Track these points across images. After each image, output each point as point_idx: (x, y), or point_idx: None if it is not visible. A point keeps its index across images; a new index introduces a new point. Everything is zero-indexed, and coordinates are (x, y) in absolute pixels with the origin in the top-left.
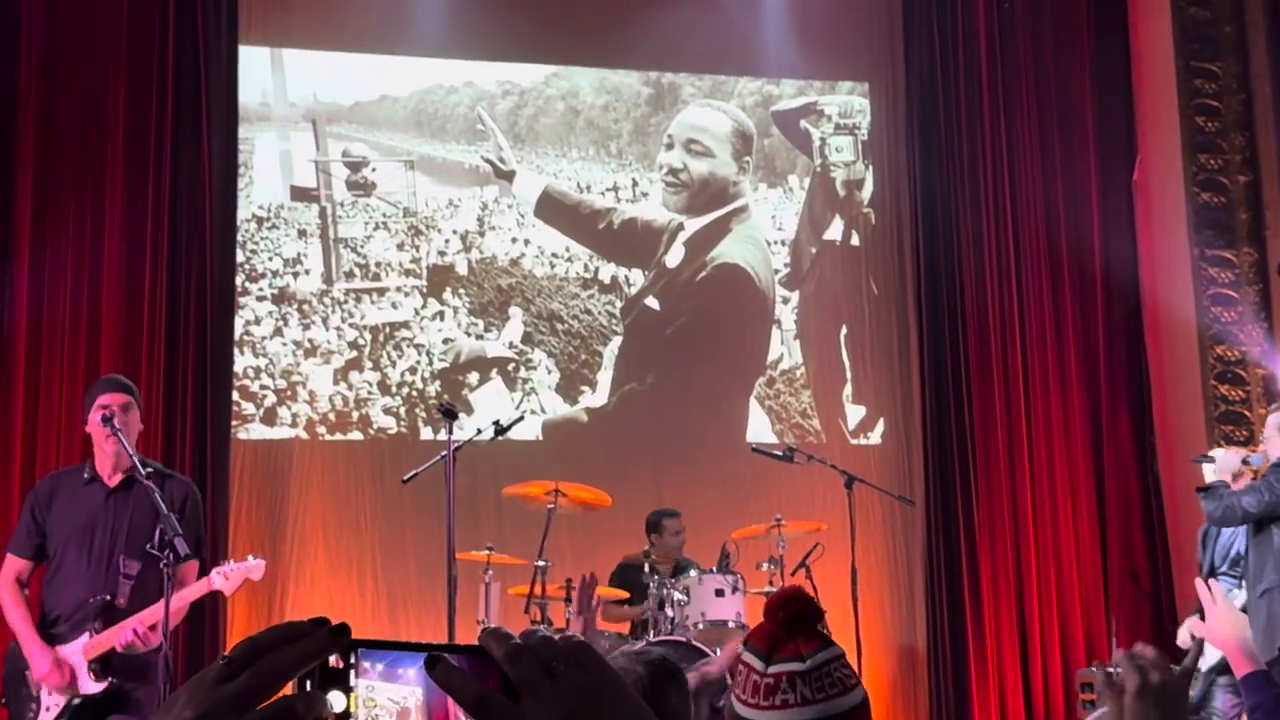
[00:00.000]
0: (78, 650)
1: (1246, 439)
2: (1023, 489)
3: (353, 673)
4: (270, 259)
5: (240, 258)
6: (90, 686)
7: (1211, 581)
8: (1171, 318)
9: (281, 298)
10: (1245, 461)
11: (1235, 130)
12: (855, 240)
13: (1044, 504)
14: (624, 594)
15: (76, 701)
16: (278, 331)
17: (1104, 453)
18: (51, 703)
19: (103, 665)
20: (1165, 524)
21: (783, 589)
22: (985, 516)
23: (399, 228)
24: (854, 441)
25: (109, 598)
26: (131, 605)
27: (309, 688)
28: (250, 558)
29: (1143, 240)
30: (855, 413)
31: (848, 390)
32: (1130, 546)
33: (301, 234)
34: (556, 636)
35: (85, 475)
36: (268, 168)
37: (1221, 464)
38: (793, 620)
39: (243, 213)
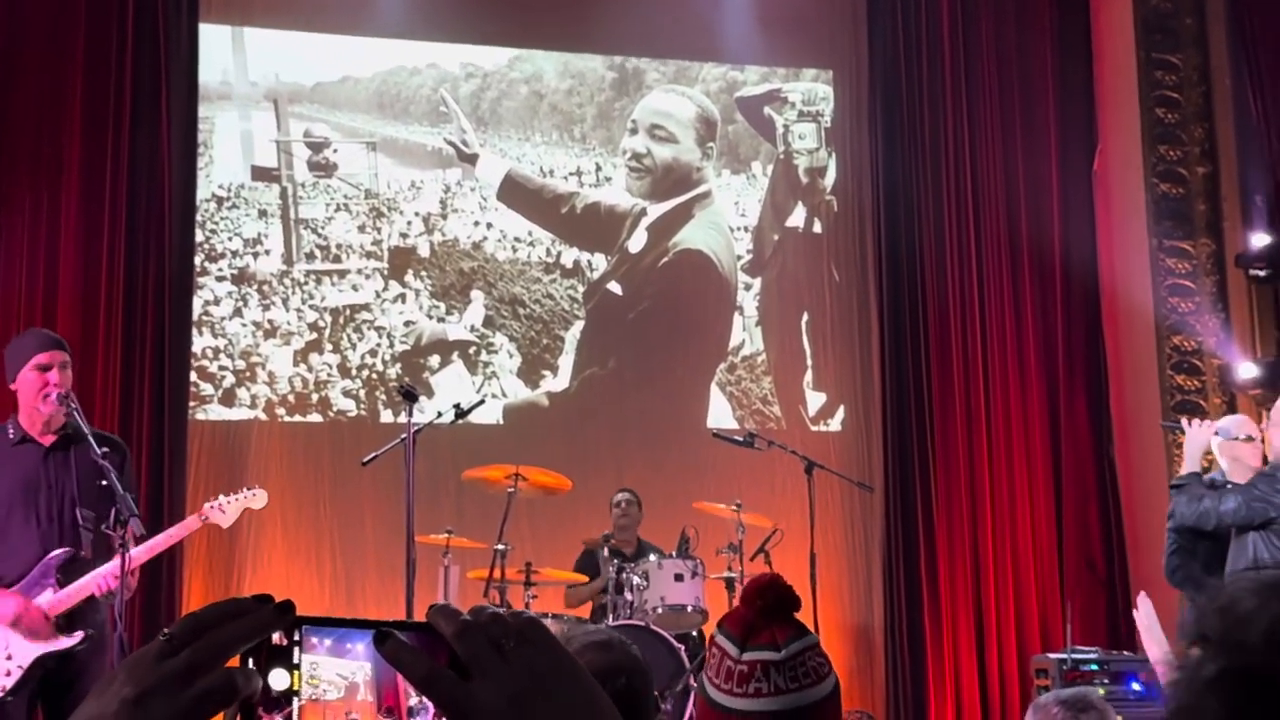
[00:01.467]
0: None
1: None
2: (981, 476)
3: (297, 650)
4: (230, 239)
5: (200, 238)
6: (60, 642)
7: (1143, 599)
8: (1129, 307)
9: (241, 278)
10: (1216, 433)
11: (1195, 122)
12: (817, 227)
13: (1002, 491)
14: (583, 578)
15: (42, 655)
16: (237, 312)
17: (1061, 440)
18: (13, 666)
19: (69, 621)
20: (1121, 511)
21: (761, 576)
22: (944, 503)
23: (360, 209)
24: (814, 428)
25: (71, 550)
26: (97, 556)
27: (252, 664)
28: (249, 490)
29: (1102, 230)
30: (816, 399)
31: (808, 377)
32: (1086, 533)
33: (262, 214)
34: (506, 613)
35: (11, 435)
36: (228, 147)
37: (1191, 444)
38: (770, 608)
39: (202, 192)
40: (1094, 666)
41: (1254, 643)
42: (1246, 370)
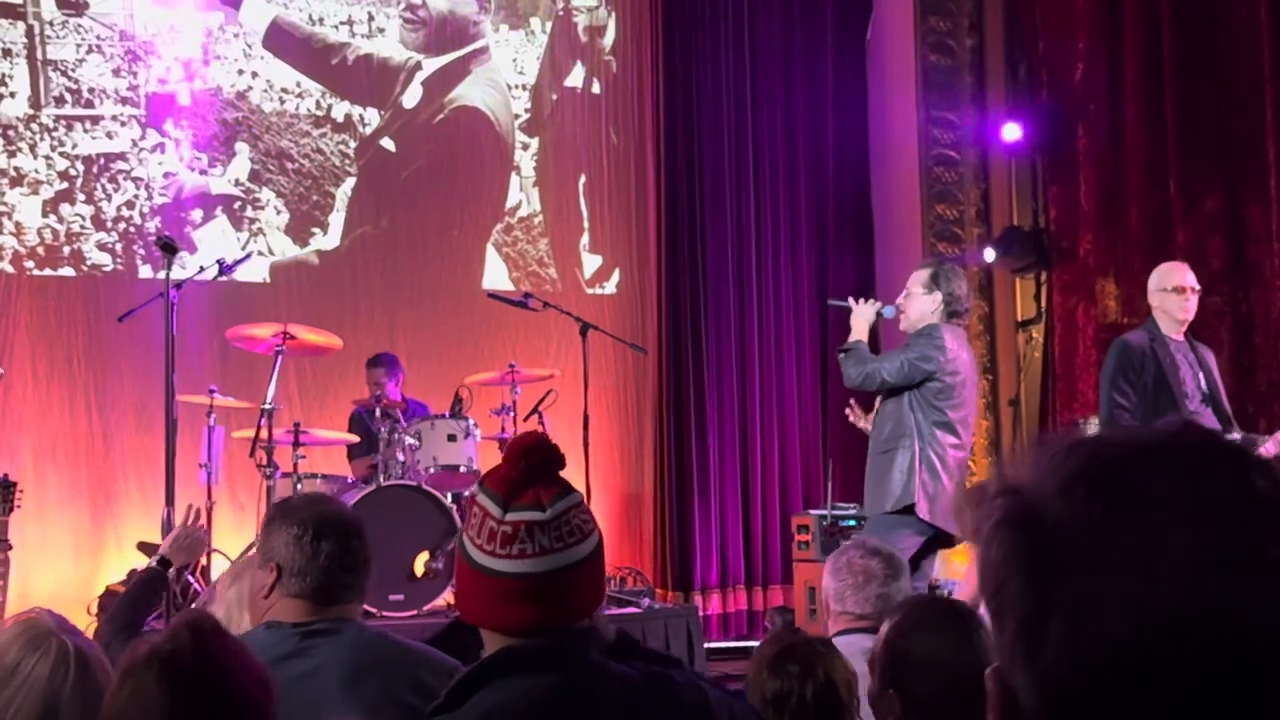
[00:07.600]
0: None
1: None
2: (750, 339)
3: None
4: None
5: None
6: None
7: None
8: (898, 177)
9: None
10: (879, 314)
11: None
12: (596, 88)
13: (769, 354)
14: (354, 438)
15: None
16: None
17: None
18: None
19: None
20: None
21: (524, 435)
22: (714, 366)
23: (115, 52)
24: (590, 290)
25: None
26: None
27: None
28: None
29: (874, 99)
30: (592, 262)
31: (585, 239)
32: (848, 395)
33: (6, 54)
34: None
35: None
36: None
37: (858, 319)
38: (535, 467)
39: None
40: (851, 523)
41: (1046, 490)
42: (988, 254)
